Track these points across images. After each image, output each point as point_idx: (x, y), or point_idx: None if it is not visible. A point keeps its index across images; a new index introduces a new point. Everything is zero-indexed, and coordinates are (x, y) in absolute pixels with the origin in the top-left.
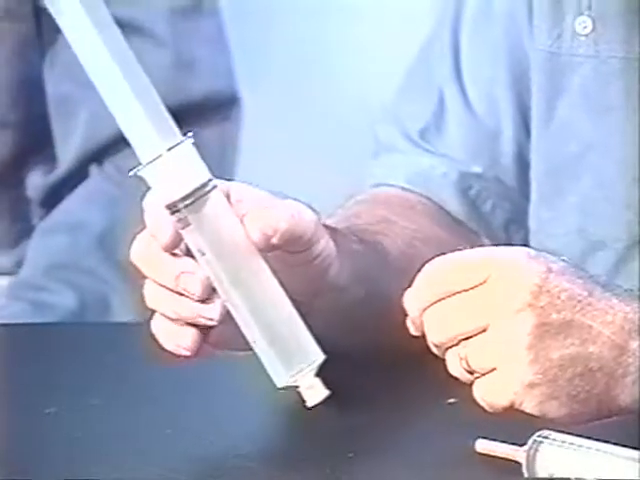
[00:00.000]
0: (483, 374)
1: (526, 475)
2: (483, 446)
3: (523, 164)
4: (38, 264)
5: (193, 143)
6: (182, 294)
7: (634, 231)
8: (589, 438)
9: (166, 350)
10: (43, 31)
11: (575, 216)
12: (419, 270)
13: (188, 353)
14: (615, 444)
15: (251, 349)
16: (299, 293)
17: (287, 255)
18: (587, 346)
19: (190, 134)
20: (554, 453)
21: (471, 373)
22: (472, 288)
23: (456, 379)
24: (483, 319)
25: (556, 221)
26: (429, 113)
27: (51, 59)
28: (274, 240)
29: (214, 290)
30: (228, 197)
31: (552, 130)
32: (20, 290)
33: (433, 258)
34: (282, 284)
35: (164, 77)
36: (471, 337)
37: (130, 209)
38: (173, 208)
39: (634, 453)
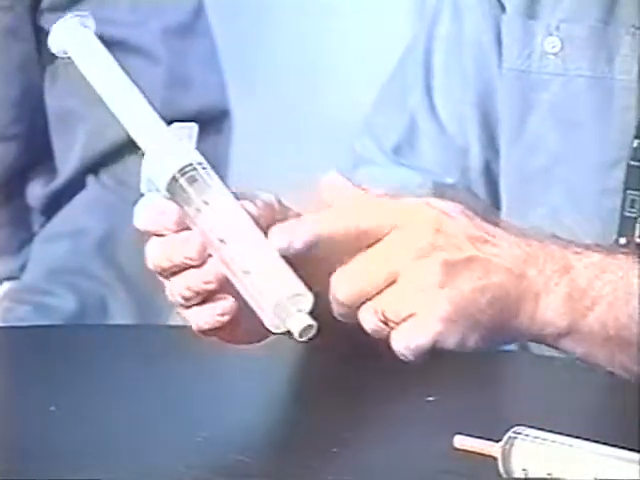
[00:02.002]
0: (400, 322)
1: (502, 469)
2: (461, 442)
3: (491, 177)
4: (41, 269)
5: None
6: (185, 266)
7: (602, 241)
8: (570, 435)
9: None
10: (43, 49)
11: (545, 226)
12: None
13: (226, 318)
14: (615, 445)
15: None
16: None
17: None
18: (491, 277)
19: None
20: (529, 449)
21: (387, 324)
22: (375, 243)
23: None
24: (391, 270)
25: None
26: (401, 130)
27: (51, 76)
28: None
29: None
30: None
31: (522, 144)
32: (24, 294)
33: None
34: None
35: (159, 94)
36: (383, 289)
37: (127, 216)
38: (190, 167)
39: (607, 449)
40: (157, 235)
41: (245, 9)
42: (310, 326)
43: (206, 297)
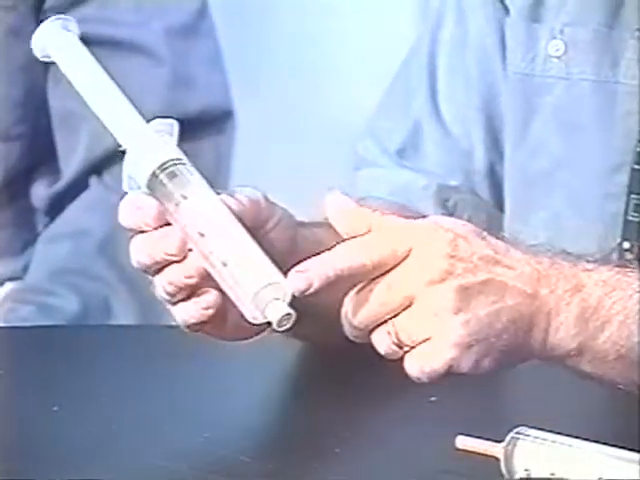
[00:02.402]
0: (414, 346)
1: (504, 470)
2: (463, 442)
3: (495, 181)
4: (44, 270)
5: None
6: (167, 262)
7: (605, 244)
8: (572, 435)
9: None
10: None
11: (547, 230)
12: None
13: (210, 311)
14: (616, 445)
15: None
16: (281, 262)
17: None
18: (506, 300)
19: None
20: (531, 449)
21: (400, 347)
22: (391, 269)
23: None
24: (406, 294)
25: (528, 234)
26: (406, 133)
27: (55, 77)
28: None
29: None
30: None
31: (525, 147)
32: (27, 294)
33: None
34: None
35: (163, 94)
36: (398, 313)
37: None
38: (170, 163)
39: (610, 449)
40: (140, 232)
41: (248, 10)
42: (288, 315)
43: (190, 292)
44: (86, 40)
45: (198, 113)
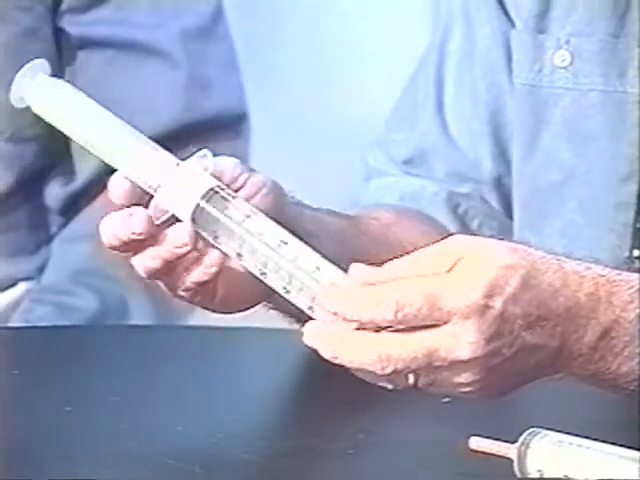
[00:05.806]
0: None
1: (517, 471)
2: (476, 443)
3: (503, 191)
4: (62, 270)
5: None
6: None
7: (618, 254)
8: (586, 437)
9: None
10: (63, 51)
11: (560, 240)
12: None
13: (214, 269)
14: (614, 444)
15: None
16: None
17: None
18: (529, 360)
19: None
20: (545, 450)
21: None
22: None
23: None
24: (431, 353)
25: (541, 245)
26: (413, 145)
27: (70, 78)
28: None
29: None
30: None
31: (536, 158)
32: (45, 294)
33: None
34: None
35: (179, 96)
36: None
37: None
38: (216, 188)
39: (624, 451)
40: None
41: (262, 12)
42: None
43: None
44: (102, 42)
45: (214, 116)
